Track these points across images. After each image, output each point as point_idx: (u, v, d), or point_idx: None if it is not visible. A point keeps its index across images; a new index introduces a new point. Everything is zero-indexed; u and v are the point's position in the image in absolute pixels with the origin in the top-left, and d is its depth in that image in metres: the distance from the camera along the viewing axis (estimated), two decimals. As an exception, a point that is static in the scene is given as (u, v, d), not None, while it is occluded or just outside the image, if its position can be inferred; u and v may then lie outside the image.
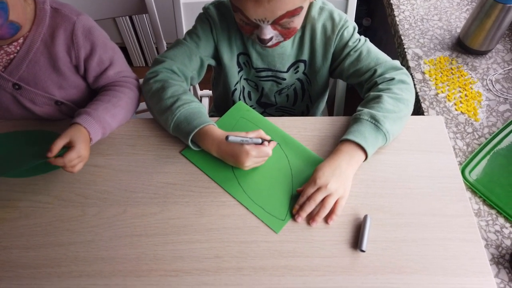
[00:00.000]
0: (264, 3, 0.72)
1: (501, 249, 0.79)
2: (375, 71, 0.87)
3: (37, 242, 0.73)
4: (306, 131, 0.87)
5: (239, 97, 1.05)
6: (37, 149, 0.76)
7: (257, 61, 0.95)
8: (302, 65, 0.97)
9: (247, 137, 0.75)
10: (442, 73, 1.09)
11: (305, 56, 0.95)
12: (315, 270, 0.70)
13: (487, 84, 1.07)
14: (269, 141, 0.81)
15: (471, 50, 1.12)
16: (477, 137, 0.96)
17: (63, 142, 0.75)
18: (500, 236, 0.81)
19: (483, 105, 1.02)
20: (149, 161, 0.83)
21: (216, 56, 0.95)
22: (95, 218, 0.76)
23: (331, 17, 0.89)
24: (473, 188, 0.86)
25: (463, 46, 1.13)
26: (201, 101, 1.46)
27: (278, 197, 0.78)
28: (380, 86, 0.85)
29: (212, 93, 1.22)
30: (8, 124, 0.89)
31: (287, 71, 0.97)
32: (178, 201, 0.77)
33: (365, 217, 0.74)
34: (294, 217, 0.75)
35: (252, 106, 1.08)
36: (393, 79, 0.84)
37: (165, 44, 1.28)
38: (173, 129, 0.81)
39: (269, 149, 0.78)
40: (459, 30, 1.18)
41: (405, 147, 0.84)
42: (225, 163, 0.81)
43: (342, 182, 0.75)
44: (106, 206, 0.77)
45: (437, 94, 1.04)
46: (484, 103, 1.03)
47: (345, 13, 1.12)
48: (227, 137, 0.72)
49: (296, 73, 0.99)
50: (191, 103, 0.82)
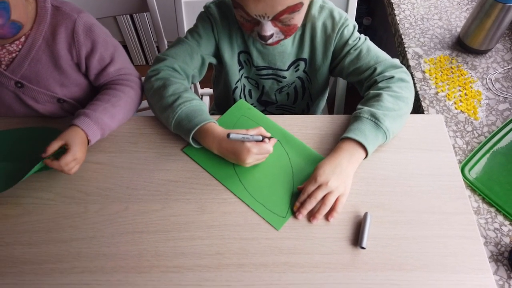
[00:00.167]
0: None
1: (500, 246, 0.80)
2: (375, 69, 0.87)
3: (39, 238, 0.73)
4: (306, 129, 0.88)
5: (240, 95, 1.05)
6: (39, 146, 0.76)
7: (258, 59, 0.96)
8: (302, 64, 0.97)
9: (248, 135, 0.76)
10: (442, 72, 1.09)
11: (306, 54, 0.95)
12: (315, 266, 0.70)
13: (486, 83, 1.07)
14: (269, 138, 0.81)
15: (471, 49, 1.12)
16: (476, 135, 0.96)
17: (58, 144, 0.76)
18: (499, 233, 0.81)
19: (482, 104, 1.03)
20: (151, 159, 0.83)
21: (217, 54, 0.96)
22: (97, 214, 0.76)
23: (331, 16, 0.90)
24: (473, 186, 0.86)
25: (463, 45, 1.13)
26: (202, 99, 1.46)
27: (279, 195, 0.78)
28: (379, 84, 0.85)
29: (213, 91, 1.22)
30: (10, 121, 0.89)
31: (287, 69, 0.98)
32: (179, 198, 0.78)
33: (365, 214, 0.74)
34: (295, 214, 0.76)
35: (252, 104, 1.08)
36: (392, 77, 0.85)
37: (166, 42, 1.29)
38: (174, 126, 0.82)
39: (269, 146, 0.79)
40: (459, 29, 1.19)
41: (405, 145, 0.85)
42: (226, 160, 0.81)
43: (342, 179, 0.76)
44: (108, 203, 0.77)
45: (437, 93, 1.05)
46: (483, 102, 1.03)
47: (346, 12, 1.12)
48: (228, 135, 0.73)
49: (296, 72, 0.99)
50: (192, 101, 0.82)
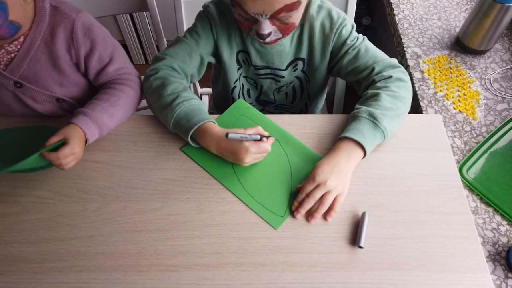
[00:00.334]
0: None
1: (497, 246, 0.80)
2: (373, 69, 0.87)
3: (38, 237, 0.74)
4: (305, 128, 0.88)
5: (239, 95, 1.05)
6: (37, 145, 0.76)
7: (256, 59, 0.96)
8: (300, 63, 0.97)
9: (246, 134, 0.76)
10: (441, 72, 1.09)
11: (304, 54, 0.95)
12: (313, 266, 0.70)
13: (485, 83, 1.07)
14: (267, 137, 0.81)
15: (469, 49, 1.12)
16: (475, 135, 0.97)
17: (57, 139, 0.76)
18: (496, 233, 0.82)
19: (481, 104, 1.03)
20: (150, 158, 0.83)
21: (215, 53, 0.96)
22: (96, 213, 0.76)
23: (330, 15, 0.90)
24: (471, 186, 0.87)
25: (462, 45, 1.13)
26: (201, 99, 1.47)
27: (277, 194, 0.79)
28: (378, 84, 0.85)
29: (211, 90, 1.23)
30: (9, 120, 0.89)
31: (285, 69, 0.98)
32: (178, 197, 0.78)
33: (364, 214, 0.75)
34: (293, 213, 0.76)
35: (251, 103, 1.09)
36: (390, 77, 0.85)
37: (165, 41, 1.29)
38: (173, 126, 0.82)
39: (268, 145, 0.79)
40: (458, 29, 1.19)
41: (403, 145, 0.85)
42: (225, 160, 0.81)
43: (341, 179, 0.76)
44: (106, 202, 0.78)
45: (436, 93, 1.05)
46: (482, 102, 1.03)
47: (345, 12, 1.13)
48: (227, 134, 0.73)
49: (294, 71, 0.99)
50: (191, 100, 0.82)
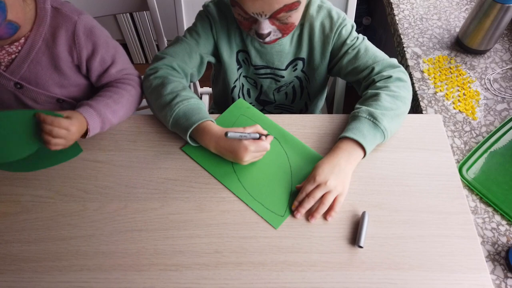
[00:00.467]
0: None
1: (497, 246, 0.80)
2: (373, 69, 0.88)
3: (38, 236, 0.74)
4: (305, 128, 0.88)
5: (239, 95, 1.06)
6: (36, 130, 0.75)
7: (256, 59, 0.96)
8: (300, 63, 0.97)
9: (245, 133, 0.76)
10: (440, 72, 1.09)
11: (304, 54, 0.95)
12: (313, 265, 0.71)
13: (485, 83, 1.07)
14: (266, 136, 0.81)
15: (469, 49, 1.12)
16: (474, 135, 0.97)
17: (59, 113, 0.75)
18: (496, 233, 0.82)
19: (481, 104, 1.03)
20: (150, 157, 0.83)
21: (215, 53, 0.96)
22: (96, 213, 0.76)
23: (329, 15, 0.90)
24: (470, 186, 0.87)
25: (462, 45, 1.13)
26: (201, 98, 1.47)
27: (277, 194, 0.79)
28: (377, 84, 0.85)
29: (211, 90, 1.23)
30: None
31: (285, 69, 0.98)
32: (178, 197, 0.78)
33: (363, 213, 0.75)
34: (293, 213, 0.76)
35: (251, 103, 1.09)
36: (390, 77, 0.85)
37: (165, 41, 1.29)
38: (172, 125, 0.82)
39: (266, 143, 0.79)
40: (458, 29, 1.19)
41: (403, 145, 0.85)
42: (225, 159, 0.82)
43: (341, 179, 0.76)
44: (107, 201, 0.78)
45: (436, 92, 1.05)
46: (482, 102, 1.03)
47: (345, 12, 1.13)
48: (226, 133, 0.73)
49: (294, 71, 0.99)
50: (190, 99, 0.82)
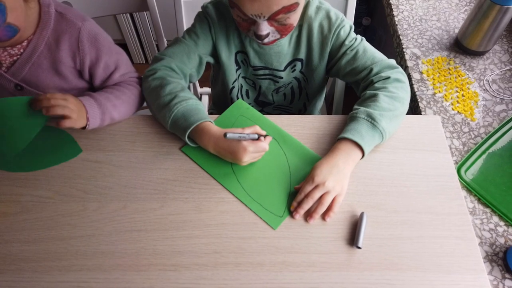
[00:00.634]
0: None
1: (495, 247, 0.80)
2: (371, 69, 0.88)
3: (38, 236, 0.74)
4: (304, 129, 0.88)
5: (237, 95, 1.06)
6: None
7: (255, 59, 0.96)
8: (299, 64, 0.98)
9: (244, 133, 0.76)
10: (439, 73, 1.10)
11: (302, 55, 0.95)
12: (312, 266, 0.71)
13: (484, 84, 1.08)
14: (264, 136, 0.82)
15: (468, 50, 1.13)
16: (473, 136, 0.97)
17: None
18: (494, 234, 0.82)
19: (479, 105, 1.03)
20: (149, 158, 0.84)
21: (214, 54, 0.96)
22: (96, 213, 0.77)
23: (328, 16, 0.90)
24: (469, 187, 0.87)
25: (461, 46, 1.14)
26: (201, 98, 1.47)
27: (276, 194, 0.79)
28: (376, 84, 0.86)
29: (211, 90, 1.23)
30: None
31: (284, 70, 0.98)
32: (177, 197, 0.78)
33: (362, 214, 0.75)
34: (292, 213, 0.76)
35: (250, 104, 1.09)
36: (388, 78, 0.85)
37: (165, 41, 1.29)
38: (171, 125, 0.82)
39: (265, 144, 0.79)
40: (457, 30, 1.19)
41: (402, 146, 0.85)
42: (224, 160, 0.82)
43: (339, 180, 0.76)
44: (106, 201, 0.78)
45: (435, 94, 1.06)
46: (480, 103, 1.04)
47: (345, 12, 1.13)
48: (225, 134, 0.73)
49: (293, 72, 0.99)
50: (188, 100, 0.82)
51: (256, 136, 0.78)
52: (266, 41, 0.83)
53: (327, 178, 0.75)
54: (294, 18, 0.80)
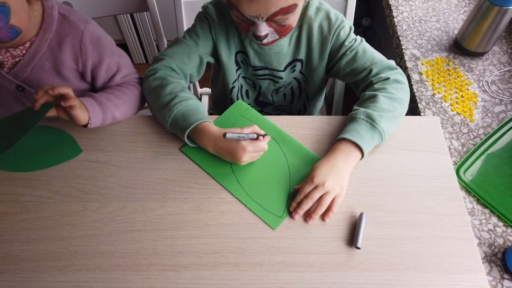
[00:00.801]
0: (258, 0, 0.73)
1: (493, 247, 0.81)
2: (371, 70, 0.88)
3: (38, 236, 0.74)
4: (303, 129, 0.88)
5: (237, 95, 1.06)
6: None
7: (254, 60, 0.96)
8: (299, 64, 0.98)
9: (243, 133, 0.77)
10: (439, 74, 1.10)
11: (302, 55, 0.96)
12: (311, 266, 0.71)
13: (483, 85, 1.08)
14: (263, 136, 0.82)
15: (468, 51, 1.13)
16: (472, 137, 0.97)
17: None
18: (493, 234, 0.82)
19: (478, 106, 1.03)
20: (149, 158, 0.84)
21: (214, 54, 0.96)
22: (96, 213, 0.77)
23: (328, 17, 0.91)
24: (468, 187, 0.87)
25: (460, 47, 1.14)
26: (201, 99, 1.47)
27: (275, 195, 0.79)
28: (375, 85, 0.86)
29: (211, 90, 1.23)
30: (9, 119, 0.90)
31: (284, 70, 0.98)
32: (177, 197, 0.79)
33: (361, 215, 0.75)
34: (291, 214, 0.76)
35: (250, 104, 1.09)
36: (388, 79, 0.85)
37: (165, 41, 1.29)
38: (170, 125, 0.82)
39: (264, 143, 0.80)
40: (457, 31, 1.20)
41: (401, 146, 0.85)
42: (224, 160, 0.82)
43: (339, 180, 0.76)
44: (106, 201, 0.78)
45: (434, 94, 1.06)
46: (479, 104, 1.04)
47: (345, 13, 1.13)
48: (224, 134, 0.73)
49: (293, 72, 1.00)
50: (188, 100, 0.83)
51: (255, 135, 0.79)
52: (265, 41, 0.83)
53: (326, 178, 0.75)
54: (292, 19, 0.81)
